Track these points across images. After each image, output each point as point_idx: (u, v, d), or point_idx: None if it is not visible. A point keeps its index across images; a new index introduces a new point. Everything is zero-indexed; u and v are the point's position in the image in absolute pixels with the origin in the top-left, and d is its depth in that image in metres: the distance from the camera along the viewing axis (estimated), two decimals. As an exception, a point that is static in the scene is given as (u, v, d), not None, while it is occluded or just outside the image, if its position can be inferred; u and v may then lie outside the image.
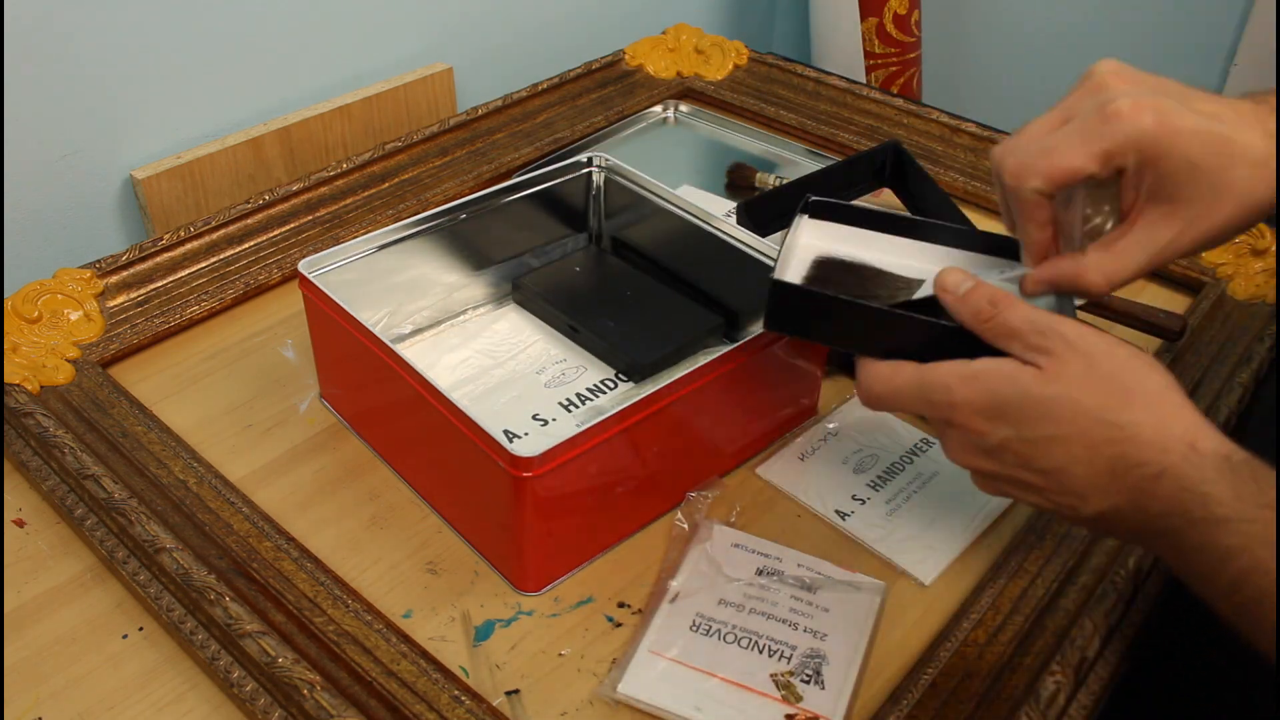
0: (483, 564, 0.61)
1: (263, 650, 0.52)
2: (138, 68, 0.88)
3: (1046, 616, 0.56)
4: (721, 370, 0.61)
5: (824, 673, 0.54)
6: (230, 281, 0.80)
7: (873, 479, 0.66)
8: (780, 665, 0.54)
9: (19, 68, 0.81)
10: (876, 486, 0.66)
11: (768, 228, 0.72)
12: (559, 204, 0.79)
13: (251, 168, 0.95)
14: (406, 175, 0.92)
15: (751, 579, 0.58)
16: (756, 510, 0.64)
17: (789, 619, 0.56)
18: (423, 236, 0.71)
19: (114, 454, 0.64)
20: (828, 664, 0.54)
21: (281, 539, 0.60)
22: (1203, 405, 0.69)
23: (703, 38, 1.13)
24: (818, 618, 0.56)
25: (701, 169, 1.00)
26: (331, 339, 0.66)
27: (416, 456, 0.64)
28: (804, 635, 0.56)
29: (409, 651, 0.54)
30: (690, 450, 0.63)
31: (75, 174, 0.88)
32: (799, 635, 0.56)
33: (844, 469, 0.67)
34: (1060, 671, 0.52)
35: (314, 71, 1.01)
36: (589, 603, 0.59)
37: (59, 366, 0.70)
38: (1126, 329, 0.76)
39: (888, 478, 0.66)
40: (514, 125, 1.00)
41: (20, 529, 0.62)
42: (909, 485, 0.66)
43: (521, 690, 0.54)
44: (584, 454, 0.55)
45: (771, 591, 0.58)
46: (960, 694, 0.53)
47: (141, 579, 0.57)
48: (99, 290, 0.76)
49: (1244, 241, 0.83)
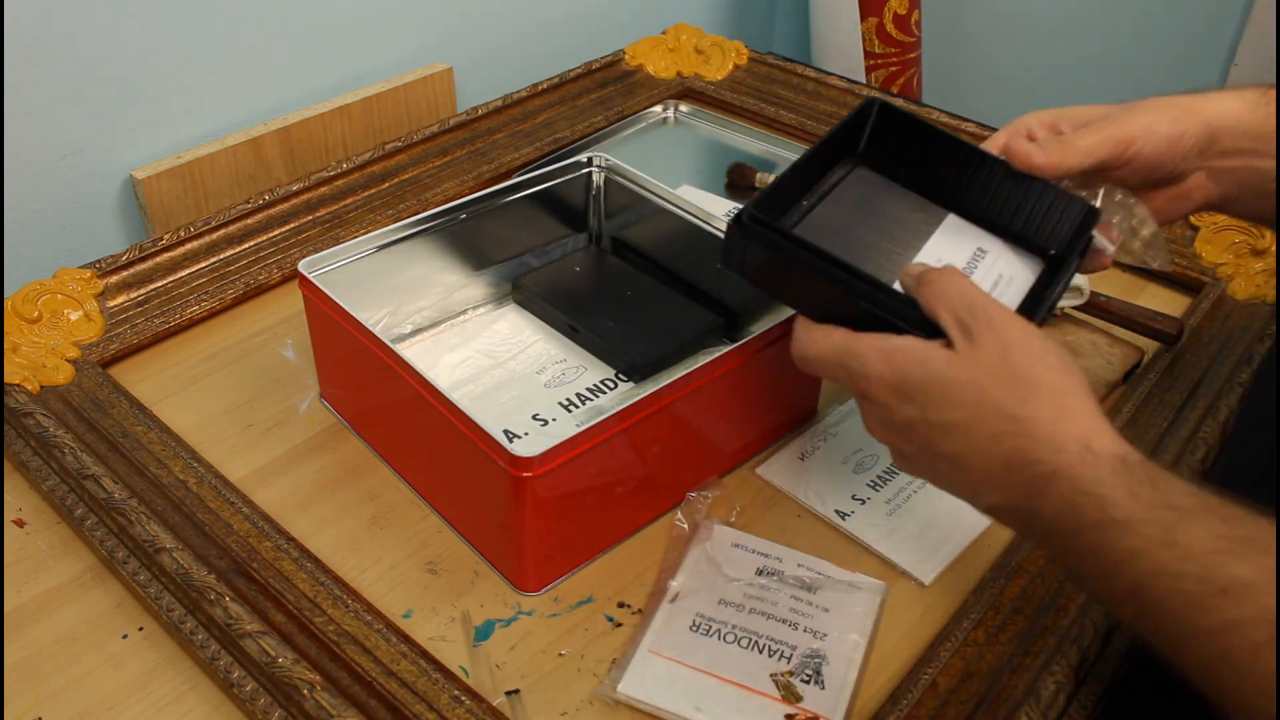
0: (483, 564, 0.61)
1: (263, 650, 0.52)
2: (138, 68, 0.88)
3: (1046, 616, 0.56)
4: (721, 370, 0.61)
5: (824, 672, 0.54)
6: (230, 281, 0.80)
7: (873, 479, 0.66)
8: (780, 665, 0.54)
9: (19, 68, 0.81)
10: (876, 486, 0.66)
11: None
12: (559, 204, 0.79)
13: (251, 168, 0.95)
14: (406, 175, 0.92)
15: (751, 579, 0.58)
16: (756, 510, 0.64)
17: (789, 619, 0.56)
18: (423, 236, 0.71)
19: (114, 454, 0.64)
20: (827, 664, 0.54)
21: (281, 539, 0.60)
22: (1203, 405, 0.69)
23: (703, 38, 1.13)
24: (818, 618, 0.56)
25: (701, 169, 1.00)
26: (331, 339, 0.66)
27: (416, 456, 0.64)
28: (804, 635, 0.56)
29: (409, 651, 0.54)
30: (690, 450, 0.63)
31: (75, 174, 0.88)
32: (799, 635, 0.56)
33: (844, 469, 0.67)
34: (1060, 671, 0.52)
35: (314, 71, 1.01)
36: (589, 603, 0.59)
37: (59, 366, 0.70)
38: (1125, 332, 0.76)
39: (888, 478, 0.66)
40: (514, 125, 1.00)
41: (20, 529, 0.62)
42: (909, 485, 0.66)
43: (521, 690, 0.54)
44: (584, 454, 0.55)
45: (771, 591, 0.58)
46: (960, 694, 0.53)
47: (141, 579, 0.57)
48: (99, 290, 0.76)
49: (1244, 241, 0.83)
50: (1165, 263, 0.59)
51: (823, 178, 0.60)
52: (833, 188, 0.59)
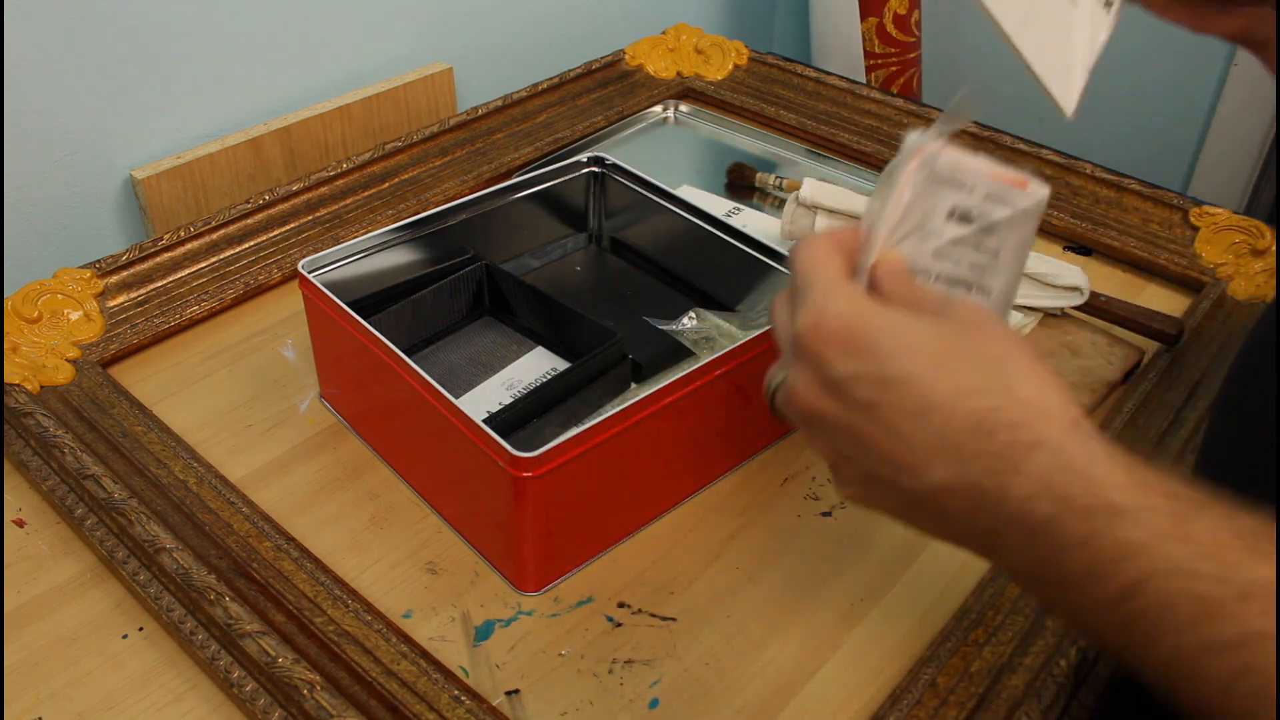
0: (483, 564, 0.61)
1: (263, 650, 0.52)
2: (138, 68, 0.88)
3: (1046, 616, 0.56)
4: (721, 370, 0.61)
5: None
6: (230, 281, 0.80)
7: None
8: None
9: (19, 67, 0.81)
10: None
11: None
12: (559, 204, 0.79)
13: (251, 168, 0.95)
14: (406, 175, 0.92)
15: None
16: (760, 507, 0.64)
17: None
18: (423, 236, 0.71)
19: (114, 454, 0.64)
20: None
21: (281, 539, 0.60)
22: (1202, 406, 0.69)
23: (703, 38, 1.13)
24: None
25: (701, 169, 1.00)
26: (331, 339, 0.66)
27: (416, 456, 0.64)
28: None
29: (409, 651, 0.54)
30: (690, 450, 0.63)
31: (75, 174, 0.88)
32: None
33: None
34: (1060, 672, 0.52)
35: (314, 71, 1.01)
36: (589, 603, 0.59)
37: (59, 366, 0.70)
38: (1125, 332, 0.76)
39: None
40: (514, 125, 1.00)
41: (20, 529, 0.62)
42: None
43: (521, 690, 0.54)
44: (584, 454, 0.55)
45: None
46: (960, 694, 0.53)
47: (141, 579, 0.57)
48: (99, 290, 0.76)
49: (1244, 241, 0.83)
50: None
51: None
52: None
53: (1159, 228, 0.87)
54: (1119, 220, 0.88)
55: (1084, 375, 0.73)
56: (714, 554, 0.62)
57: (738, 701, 0.54)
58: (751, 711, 0.53)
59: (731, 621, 0.58)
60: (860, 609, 0.59)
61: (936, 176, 0.46)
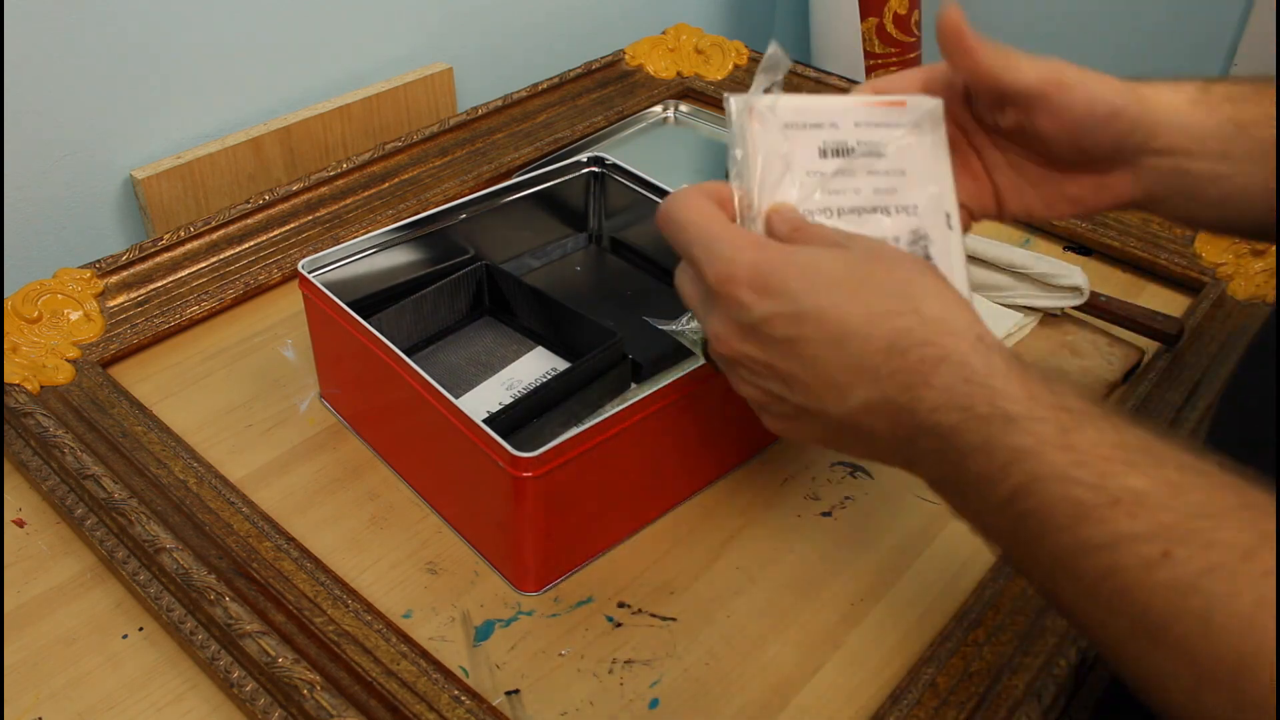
0: (483, 564, 0.61)
1: (263, 650, 0.52)
2: (138, 68, 0.88)
3: (1046, 616, 0.56)
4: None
5: (932, 253, 0.47)
6: (230, 281, 0.80)
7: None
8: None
9: (19, 67, 0.81)
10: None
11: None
12: (559, 204, 0.79)
13: (251, 168, 0.95)
14: (406, 175, 0.92)
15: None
16: (761, 506, 0.64)
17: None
18: (423, 236, 0.71)
19: (114, 454, 0.64)
20: (932, 243, 0.48)
21: (281, 539, 0.60)
22: (1203, 405, 0.69)
23: (703, 38, 1.13)
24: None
25: (701, 169, 1.00)
26: (331, 339, 0.66)
27: (416, 456, 0.64)
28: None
29: (409, 651, 0.54)
30: (690, 450, 0.63)
31: (75, 174, 0.88)
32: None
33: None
34: (1060, 672, 0.52)
35: (314, 71, 1.01)
36: (589, 603, 0.59)
37: (59, 366, 0.70)
38: (1125, 332, 0.76)
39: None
40: (514, 125, 1.00)
41: (20, 529, 0.62)
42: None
43: (521, 690, 0.54)
44: (584, 454, 0.55)
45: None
46: (960, 694, 0.53)
47: (141, 579, 0.57)
48: (99, 290, 0.76)
49: (1244, 241, 0.83)
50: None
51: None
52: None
53: (1159, 228, 0.86)
54: (1119, 220, 0.88)
55: (1084, 375, 0.73)
56: (714, 554, 0.62)
57: (738, 701, 0.54)
58: (751, 711, 0.53)
59: (731, 621, 0.58)
60: (860, 609, 0.59)
61: (785, 124, 0.48)
